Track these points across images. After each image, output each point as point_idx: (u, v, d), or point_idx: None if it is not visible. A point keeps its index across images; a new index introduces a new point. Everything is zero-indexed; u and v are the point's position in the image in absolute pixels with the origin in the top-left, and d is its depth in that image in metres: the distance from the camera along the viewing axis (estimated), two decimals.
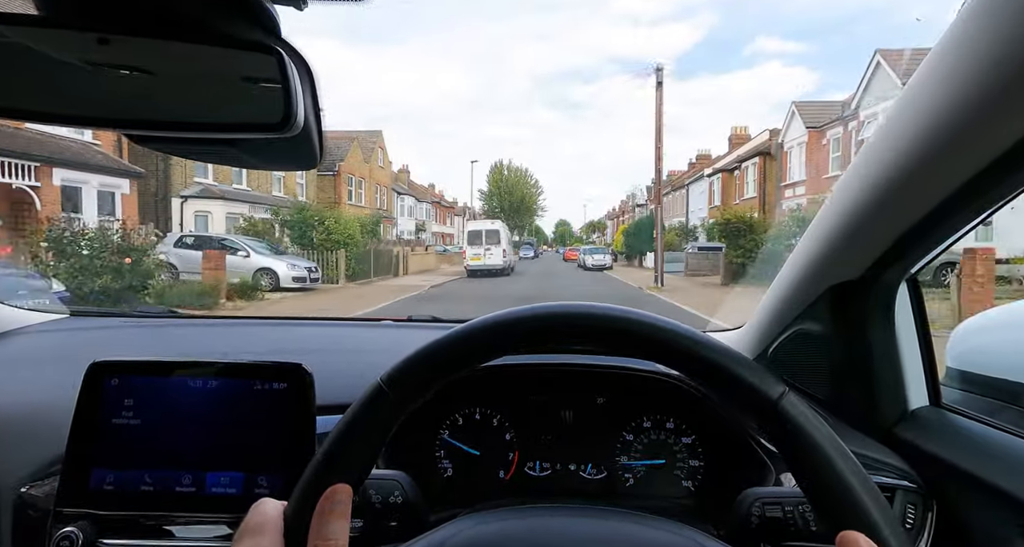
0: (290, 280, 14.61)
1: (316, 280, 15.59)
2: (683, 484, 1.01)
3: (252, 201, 20.69)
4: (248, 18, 0.47)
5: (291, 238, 18.31)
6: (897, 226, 0.70)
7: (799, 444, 0.43)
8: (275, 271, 14.62)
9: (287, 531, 0.44)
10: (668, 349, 0.47)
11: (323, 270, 16.82)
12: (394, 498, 0.71)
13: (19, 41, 0.44)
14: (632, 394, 1.03)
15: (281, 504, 0.47)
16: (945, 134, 0.56)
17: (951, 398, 0.91)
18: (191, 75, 0.47)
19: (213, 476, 0.66)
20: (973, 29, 0.50)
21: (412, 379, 0.48)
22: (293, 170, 0.66)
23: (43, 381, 1.01)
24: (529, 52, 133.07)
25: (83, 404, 0.68)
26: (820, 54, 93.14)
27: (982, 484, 0.70)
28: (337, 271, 17.46)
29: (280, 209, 19.27)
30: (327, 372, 0.73)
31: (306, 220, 18.29)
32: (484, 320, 0.49)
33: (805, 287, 0.91)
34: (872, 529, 0.40)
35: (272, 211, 19.41)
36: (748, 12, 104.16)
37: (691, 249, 23.81)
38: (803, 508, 0.68)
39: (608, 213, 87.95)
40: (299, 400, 0.67)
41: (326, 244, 17.74)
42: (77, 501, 0.65)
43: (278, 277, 14.48)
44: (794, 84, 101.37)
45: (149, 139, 0.53)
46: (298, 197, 23.46)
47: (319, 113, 0.52)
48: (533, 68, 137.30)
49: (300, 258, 16.27)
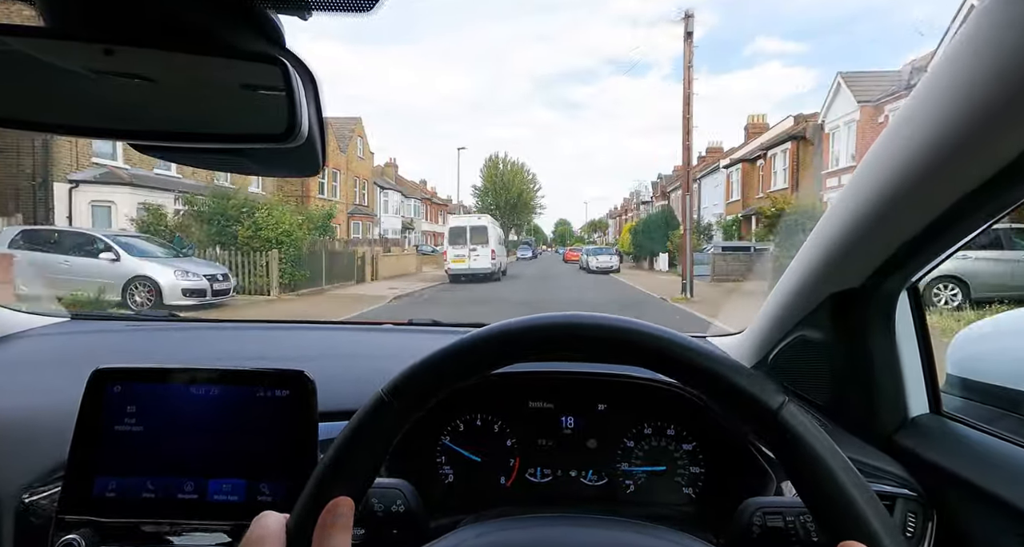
0: (179, 293, 10.33)
1: (224, 292, 11.31)
2: (684, 491, 1.01)
3: (179, 190, 15.36)
4: (253, 29, 0.47)
5: (207, 235, 14.05)
6: (899, 235, 0.70)
7: (799, 454, 0.43)
8: (155, 281, 10.32)
9: (289, 544, 0.44)
10: (668, 359, 0.47)
11: (249, 277, 13.21)
12: (396, 507, 0.71)
13: (25, 51, 0.44)
14: (633, 401, 1.03)
15: (283, 517, 0.47)
16: (949, 145, 0.56)
17: (951, 405, 0.91)
18: (196, 85, 0.47)
19: (215, 483, 0.66)
20: (977, 41, 0.51)
21: (414, 389, 0.48)
22: (295, 177, 0.67)
23: (45, 386, 1.01)
24: (528, 53, 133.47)
25: (86, 411, 0.68)
26: (819, 54, 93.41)
27: (982, 493, 0.70)
28: (268, 278, 13.45)
29: (196, 198, 14.69)
30: (329, 378, 0.73)
31: (226, 212, 14.01)
32: (486, 331, 0.49)
33: (806, 294, 0.92)
34: (872, 539, 0.40)
35: (185, 200, 14.93)
36: (748, 12, 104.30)
37: (714, 250, 21.04)
38: (804, 518, 0.68)
39: (609, 212, 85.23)
40: (301, 407, 0.67)
41: (252, 243, 13.65)
42: (79, 508, 0.65)
43: (160, 289, 10.28)
44: (794, 84, 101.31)
45: (154, 148, 0.53)
46: (248, 189, 17.98)
47: (322, 121, 0.52)
48: (532, 68, 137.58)
49: (206, 262, 12.10)
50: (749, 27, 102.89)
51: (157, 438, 0.67)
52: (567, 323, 0.48)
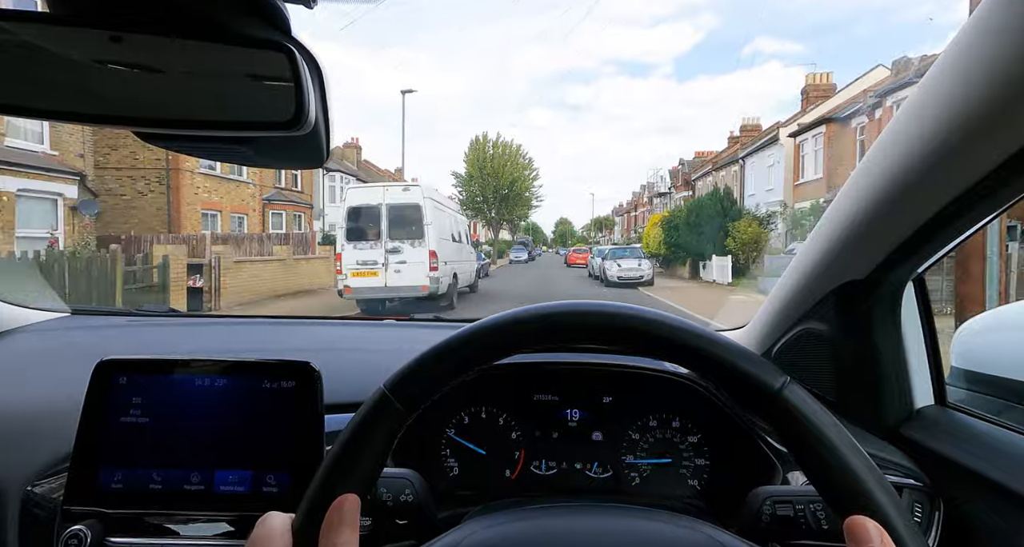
0: None
1: None
2: (689, 483, 1.01)
3: None
4: (260, 16, 0.47)
5: None
6: (905, 226, 0.70)
7: (803, 432, 0.44)
8: None
9: (296, 544, 0.44)
10: (671, 345, 0.47)
11: None
12: (405, 497, 0.71)
13: (32, 39, 0.44)
14: (638, 393, 1.03)
15: (288, 517, 0.46)
16: (955, 135, 0.56)
17: (957, 397, 0.91)
18: (203, 73, 0.47)
19: (222, 474, 0.66)
20: (985, 30, 0.50)
21: (416, 384, 0.48)
22: (299, 168, 0.66)
23: (47, 379, 1.01)
24: (528, 54, 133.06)
25: (91, 402, 0.68)
26: (819, 55, 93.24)
27: (989, 483, 0.70)
28: None
29: None
30: (334, 371, 0.73)
31: None
32: (487, 322, 0.49)
33: (811, 286, 0.92)
34: (879, 512, 0.41)
35: None
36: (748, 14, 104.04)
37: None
38: (814, 506, 0.68)
39: (615, 209, 78.21)
40: (307, 398, 0.67)
41: None
42: (85, 500, 0.65)
43: None
44: (795, 84, 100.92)
45: (160, 137, 0.53)
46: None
47: (327, 111, 0.52)
48: (532, 69, 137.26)
49: None
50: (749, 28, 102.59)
51: (163, 429, 0.67)
52: (568, 311, 0.48)
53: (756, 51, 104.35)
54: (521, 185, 42.17)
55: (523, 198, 42.89)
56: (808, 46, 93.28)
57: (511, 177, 41.37)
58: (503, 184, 40.90)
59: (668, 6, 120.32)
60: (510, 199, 41.68)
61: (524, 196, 42.90)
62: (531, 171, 42.97)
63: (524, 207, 43.96)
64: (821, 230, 0.85)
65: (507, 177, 41.14)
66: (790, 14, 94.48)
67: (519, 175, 41.92)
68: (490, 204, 41.24)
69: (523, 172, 42.51)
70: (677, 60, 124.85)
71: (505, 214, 42.64)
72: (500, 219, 42.95)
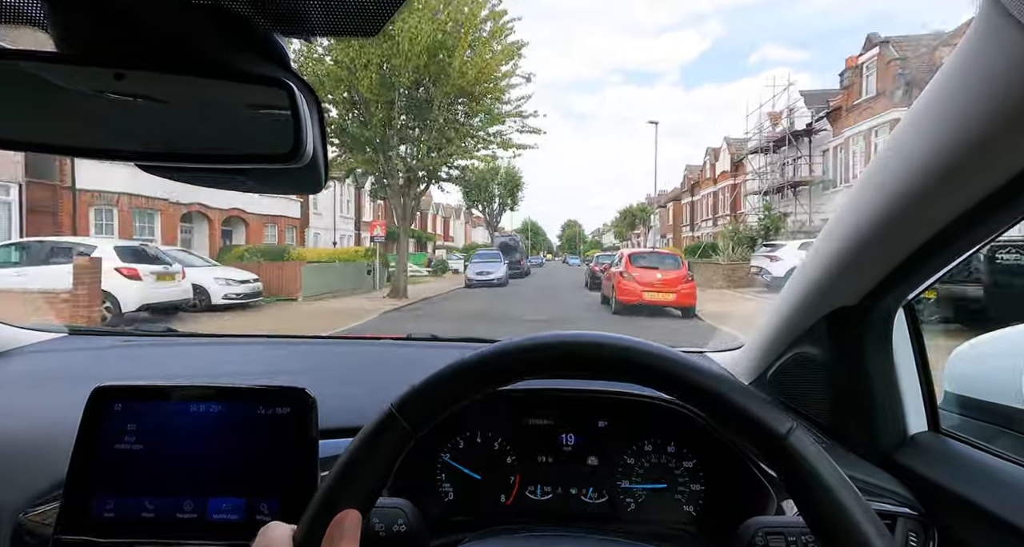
0: None
1: None
2: (684, 509, 1.00)
3: None
4: (260, 52, 0.48)
5: None
6: (895, 254, 0.71)
7: (808, 482, 0.44)
8: None
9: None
10: (675, 381, 0.48)
11: None
12: (398, 527, 0.71)
13: (36, 74, 0.45)
14: (633, 418, 1.03)
15: (290, 528, 0.47)
16: (945, 164, 0.57)
17: (949, 423, 0.91)
18: (204, 109, 0.48)
19: (215, 502, 0.66)
20: (973, 59, 0.52)
21: (425, 405, 0.49)
22: (297, 193, 0.68)
23: (44, 402, 1.01)
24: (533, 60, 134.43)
25: (85, 429, 0.67)
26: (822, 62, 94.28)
27: (983, 512, 0.70)
28: None
29: None
30: (331, 395, 0.73)
31: None
32: (495, 348, 0.50)
33: (804, 310, 0.92)
34: None
35: None
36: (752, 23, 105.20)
37: None
38: (805, 538, 0.68)
39: (650, 199, 50.04)
40: (302, 425, 0.67)
41: None
42: (77, 528, 0.65)
43: None
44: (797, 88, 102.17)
45: (162, 168, 0.54)
46: None
47: (325, 141, 0.53)
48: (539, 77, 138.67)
49: None
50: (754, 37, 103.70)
51: (156, 456, 0.67)
52: (573, 342, 0.49)
53: (762, 58, 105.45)
54: (478, 53, 13.99)
55: (490, 81, 14.53)
56: (813, 53, 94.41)
57: (453, 18, 13.59)
58: (433, 41, 13.20)
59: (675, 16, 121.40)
60: (446, 76, 13.84)
61: (491, 76, 14.46)
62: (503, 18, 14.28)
63: (494, 114, 15.37)
64: (813, 256, 0.86)
65: (438, 22, 13.39)
66: (795, 23, 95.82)
67: (467, 20, 13.67)
68: (408, 99, 14.27)
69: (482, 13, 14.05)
70: (685, 67, 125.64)
71: (435, 144, 14.73)
72: (432, 145, 14.74)
